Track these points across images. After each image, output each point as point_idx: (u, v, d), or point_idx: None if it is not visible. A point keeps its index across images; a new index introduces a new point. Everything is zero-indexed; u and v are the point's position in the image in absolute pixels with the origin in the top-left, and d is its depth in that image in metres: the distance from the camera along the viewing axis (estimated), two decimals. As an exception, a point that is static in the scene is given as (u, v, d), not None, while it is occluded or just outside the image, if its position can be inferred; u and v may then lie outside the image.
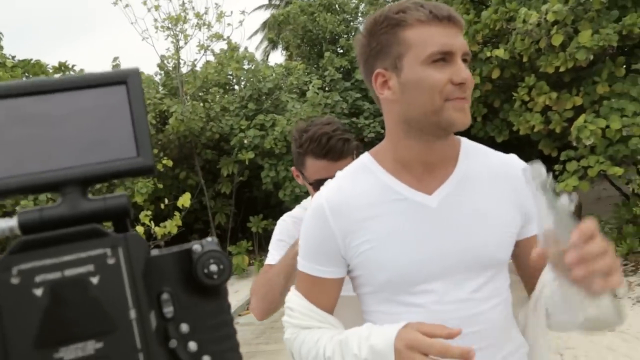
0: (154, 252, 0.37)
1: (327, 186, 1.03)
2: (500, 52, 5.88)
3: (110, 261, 0.34)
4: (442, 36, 0.89)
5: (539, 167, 0.76)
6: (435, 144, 0.95)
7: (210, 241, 0.38)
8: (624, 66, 5.47)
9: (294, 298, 1.03)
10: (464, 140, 1.04)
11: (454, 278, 0.94)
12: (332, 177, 1.38)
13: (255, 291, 1.42)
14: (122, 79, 0.38)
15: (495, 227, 0.96)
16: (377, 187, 0.98)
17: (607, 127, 5.06)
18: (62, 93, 0.37)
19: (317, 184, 1.39)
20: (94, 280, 0.33)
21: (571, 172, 5.42)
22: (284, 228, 1.54)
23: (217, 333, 0.37)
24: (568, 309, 0.82)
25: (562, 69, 5.43)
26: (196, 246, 0.37)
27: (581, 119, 5.19)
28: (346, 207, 0.97)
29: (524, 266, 1.03)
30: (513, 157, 1.05)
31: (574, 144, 5.41)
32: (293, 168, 1.55)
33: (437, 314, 0.92)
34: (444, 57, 0.89)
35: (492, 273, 0.96)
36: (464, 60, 0.92)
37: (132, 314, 0.34)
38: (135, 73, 0.39)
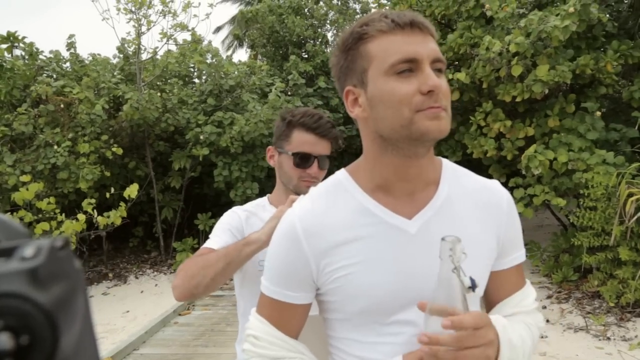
0: None
1: (300, 204, 0.96)
2: (461, 76, 6.03)
3: None
4: (404, 44, 0.83)
5: (457, 243, 0.77)
6: (414, 160, 0.89)
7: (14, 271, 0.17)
8: (574, 103, 5.73)
9: (258, 325, 0.95)
10: (446, 162, 0.99)
11: None
12: (313, 154, 1.46)
13: (184, 268, 1.30)
14: None
15: (474, 258, 0.88)
16: (354, 209, 0.91)
17: (555, 159, 5.28)
18: None
19: (299, 157, 1.42)
20: None
21: (518, 198, 5.61)
22: (234, 219, 1.47)
23: None
24: None
25: (518, 99, 5.62)
26: None
27: (531, 149, 5.39)
28: (321, 229, 0.90)
29: (487, 299, 1.01)
30: (495, 184, 1.01)
31: (523, 172, 5.61)
32: (269, 148, 1.54)
33: (412, 345, 0.87)
34: (409, 67, 0.82)
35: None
36: (438, 70, 0.85)
37: None
38: None
